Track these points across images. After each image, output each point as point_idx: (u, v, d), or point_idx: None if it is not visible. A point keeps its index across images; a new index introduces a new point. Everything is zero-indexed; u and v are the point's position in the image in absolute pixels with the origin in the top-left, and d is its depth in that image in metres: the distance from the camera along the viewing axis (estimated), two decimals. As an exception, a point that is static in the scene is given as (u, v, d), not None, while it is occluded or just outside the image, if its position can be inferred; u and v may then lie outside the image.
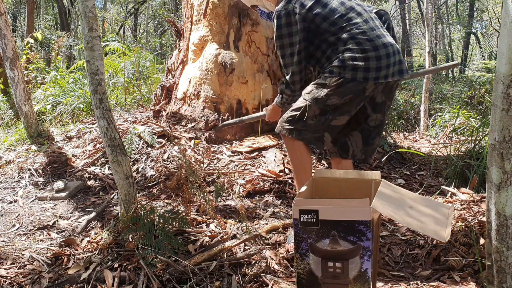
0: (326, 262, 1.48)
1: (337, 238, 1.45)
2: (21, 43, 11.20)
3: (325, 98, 2.14)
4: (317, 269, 1.50)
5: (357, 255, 1.44)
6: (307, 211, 1.47)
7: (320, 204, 1.46)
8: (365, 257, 1.44)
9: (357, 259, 1.44)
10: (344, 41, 2.12)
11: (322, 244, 1.47)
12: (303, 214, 1.47)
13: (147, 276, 1.92)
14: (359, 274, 1.45)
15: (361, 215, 1.40)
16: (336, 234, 1.45)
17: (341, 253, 1.45)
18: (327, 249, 1.46)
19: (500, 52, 1.36)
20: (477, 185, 3.02)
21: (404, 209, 1.49)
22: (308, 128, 2.20)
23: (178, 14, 14.74)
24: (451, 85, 9.69)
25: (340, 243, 1.45)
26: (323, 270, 1.49)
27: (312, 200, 1.55)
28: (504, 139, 1.38)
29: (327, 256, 1.48)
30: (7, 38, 4.22)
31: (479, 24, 21.72)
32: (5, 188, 3.36)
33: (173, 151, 3.52)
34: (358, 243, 1.43)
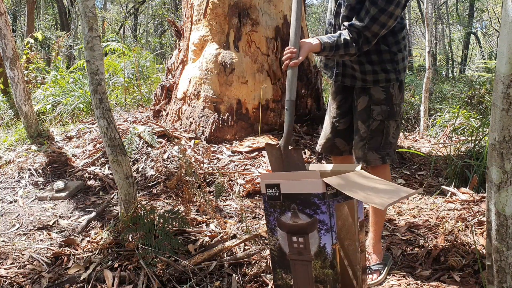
0: (291, 237, 1.55)
1: (297, 211, 1.52)
2: (21, 43, 11.19)
3: (398, 109, 2.05)
4: (284, 245, 1.57)
5: (314, 228, 1.50)
6: (271, 185, 1.56)
7: (281, 178, 1.54)
8: (322, 231, 1.49)
9: (315, 234, 1.50)
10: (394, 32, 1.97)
11: (285, 218, 1.55)
12: (269, 188, 1.57)
13: (147, 276, 1.92)
14: (318, 250, 1.50)
15: (314, 187, 1.47)
16: (295, 208, 1.53)
17: (301, 227, 1.52)
18: (290, 223, 1.54)
19: (500, 52, 1.36)
20: (477, 185, 3.02)
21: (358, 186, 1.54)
22: (392, 147, 2.08)
23: (178, 14, 14.74)
24: (451, 85, 9.69)
25: (300, 217, 1.52)
26: (289, 245, 1.56)
27: (274, 174, 1.61)
28: (504, 139, 1.38)
29: (290, 230, 1.55)
30: (7, 38, 4.22)
31: (479, 24, 21.73)
32: (5, 188, 3.36)
33: (173, 151, 3.52)
34: (314, 216, 1.48)
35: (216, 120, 3.71)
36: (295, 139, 3.68)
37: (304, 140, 3.69)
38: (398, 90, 2.03)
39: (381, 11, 1.81)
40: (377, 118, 2.01)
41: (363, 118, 2.03)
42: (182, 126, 3.92)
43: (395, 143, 2.08)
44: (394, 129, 2.05)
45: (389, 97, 2.01)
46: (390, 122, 2.02)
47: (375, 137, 2.02)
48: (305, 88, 3.94)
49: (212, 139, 3.70)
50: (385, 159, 2.03)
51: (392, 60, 1.98)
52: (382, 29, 1.85)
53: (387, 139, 2.04)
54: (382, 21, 1.83)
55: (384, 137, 2.03)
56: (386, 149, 2.04)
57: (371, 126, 2.02)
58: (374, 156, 2.03)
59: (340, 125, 2.18)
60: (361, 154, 2.05)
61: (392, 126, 2.03)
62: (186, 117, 3.90)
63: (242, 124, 3.74)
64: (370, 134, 2.02)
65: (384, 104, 2.00)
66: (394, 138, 2.06)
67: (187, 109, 3.92)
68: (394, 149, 2.08)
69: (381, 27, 1.84)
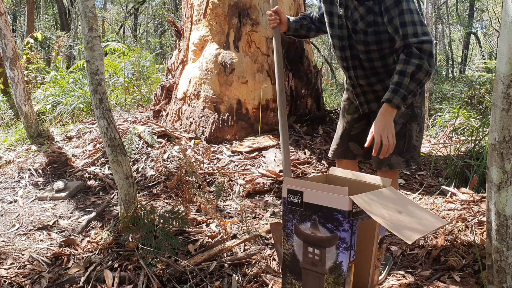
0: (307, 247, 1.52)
1: (317, 223, 1.48)
2: (21, 43, 11.19)
3: (419, 112, 2.03)
4: (299, 253, 1.54)
5: (333, 244, 1.46)
6: (293, 191, 1.52)
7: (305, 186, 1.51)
8: (341, 249, 1.45)
9: (333, 249, 1.46)
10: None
11: (304, 227, 1.52)
12: (291, 194, 1.53)
13: (147, 276, 1.92)
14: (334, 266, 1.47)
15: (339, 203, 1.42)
16: (316, 219, 1.49)
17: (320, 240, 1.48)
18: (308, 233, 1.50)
19: (500, 52, 1.36)
20: (477, 185, 3.02)
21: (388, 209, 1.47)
22: (416, 150, 2.05)
23: (178, 14, 14.74)
24: (451, 85, 9.69)
25: (319, 229, 1.49)
26: (304, 254, 1.53)
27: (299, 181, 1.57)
28: (504, 139, 1.38)
29: (307, 240, 1.52)
30: (7, 38, 4.22)
31: (479, 24, 21.73)
32: (5, 188, 3.36)
33: (173, 151, 3.52)
34: (335, 232, 1.44)
35: (216, 120, 3.71)
36: (295, 139, 3.68)
37: (304, 140, 3.69)
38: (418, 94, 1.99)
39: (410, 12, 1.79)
40: (399, 122, 1.99)
41: None
42: (182, 126, 3.92)
43: (419, 146, 2.05)
44: (417, 132, 2.03)
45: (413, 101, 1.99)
46: (412, 125, 2.00)
47: (398, 140, 1.97)
48: (305, 88, 3.94)
49: (212, 139, 3.70)
50: (409, 162, 2.01)
51: None
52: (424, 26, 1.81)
53: (411, 142, 2.01)
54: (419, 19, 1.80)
55: (407, 140, 2.01)
56: (410, 152, 2.02)
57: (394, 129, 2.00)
58: (398, 159, 2.00)
59: (354, 130, 2.17)
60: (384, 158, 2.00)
61: (414, 129, 2.01)
62: (186, 117, 3.90)
63: (242, 124, 3.74)
64: None
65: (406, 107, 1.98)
66: (417, 141, 2.04)
67: (187, 109, 3.92)
68: (418, 152, 2.06)
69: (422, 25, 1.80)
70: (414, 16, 1.80)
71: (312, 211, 1.49)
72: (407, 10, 1.79)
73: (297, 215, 1.53)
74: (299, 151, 3.51)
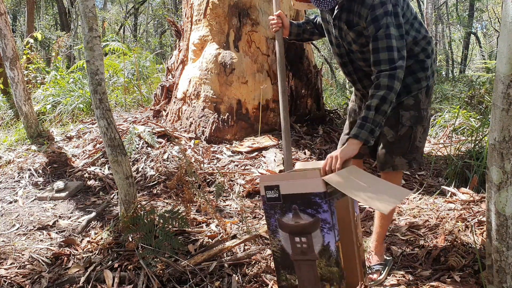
0: (294, 238, 1.54)
1: (298, 212, 1.52)
2: (21, 43, 11.19)
3: (425, 114, 2.03)
4: (287, 246, 1.57)
5: (317, 228, 1.50)
6: (270, 186, 1.55)
7: (280, 179, 1.54)
8: (325, 230, 1.49)
9: (318, 233, 1.50)
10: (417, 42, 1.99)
11: (287, 219, 1.55)
12: (268, 190, 1.56)
13: (147, 276, 1.92)
14: (323, 248, 1.50)
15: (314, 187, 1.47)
16: (296, 208, 1.52)
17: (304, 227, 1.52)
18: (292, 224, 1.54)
19: (500, 52, 1.36)
20: (477, 185, 3.02)
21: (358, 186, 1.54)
22: (419, 152, 2.05)
23: (178, 14, 14.74)
24: (451, 85, 9.69)
25: (301, 217, 1.52)
26: (292, 246, 1.55)
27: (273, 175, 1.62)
28: (504, 139, 1.38)
29: (292, 231, 1.54)
30: (7, 38, 4.22)
31: (479, 24, 21.73)
32: (5, 188, 3.36)
33: (173, 151, 3.52)
34: (317, 215, 1.49)
35: (216, 120, 3.71)
36: (295, 139, 3.69)
37: (304, 140, 3.69)
38: (425, 95, 2.01)
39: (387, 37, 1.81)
40: (406, 124, 1.99)
41: (390, 123, 2.01)
42: (182, 126, 3.92)
43: (421, 147, 2.06)
44: (421, 133, 2.03)
45: (417, 102, 1.99)
46: (417, 127, 2.00)
47: (402, 142, 2.00)
48: (305, 88, 3.94)
49: (212, 139, 3.70)
50: (412, 163, 2.02)
51: (423, 68, 1.99)
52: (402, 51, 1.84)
53: (414, 144, 2.02)
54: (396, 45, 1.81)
55: (411, 142, 2.01)
56: (413, 154, 2.02)
57: (400, 131, 1.99)
58: (402, 161, 2.01)
59: None
60: (388, 158, 2.02)
61: (419, 131, 2.02)
62: (186, 117, 3.90)
63: (242, 124, 3.74)
64: (398, 139, 2.00)
65: (413, 109, 1.99)
66: (420, 142, 2.04)
67: (187, 109, 3.92)
68: (421, 153, 2.07)
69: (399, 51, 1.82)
70: (392, 41, 1.81)
71: (291, 201, 1.53)
72: (383, 36, 1.81)
73: (278, 209, 1.57)
74: (299, 151, 3.51)
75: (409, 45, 1.96)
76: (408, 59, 1.97)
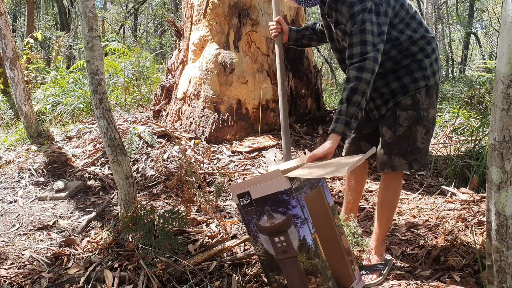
0: (273, 239, 1.59)
1: (271, 212, 1.57)
2: (21, 43, 11.19)
3: (426, 114, 2.00)
4: (269, 248, 1.61)
5: (291, 224, 1.54)
6: (242, 194, 1.61)
7: (248, 185, 1.60)
8: (298, 224, 1.53)
9: (293, 229, 1.54)
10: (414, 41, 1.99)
11: (263, 222, 1.59)
12: (241, 198, 1.61)
13: (147, 276, 1.92)
14: (300, 243, 1.54)
15: (280, 185, 1.52)
16: (269, 209, 1.57)
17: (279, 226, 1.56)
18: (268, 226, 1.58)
19: (500, 52, 1.36)
20: (477, 185, 3.02)
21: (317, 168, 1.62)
22: (421, 153, 2.03)
23: (178, 14, 14.74)
24: (451, 85, 9.69)
25: (275, 217, 1.57)
26: (274, 247, 1.60)
27: (242, 183, 1.65)
28: (504, 139, 1.38)
29: (270, 232, 1.59)
30: (7, 38, 4.22)
31: (479, 24, 21.73)
32: (5, 188, 3.36)
33: (173, 151, 3.52)
34: (288, 212, 1.53)
35: (216, 120, 3.71)
36: (295, 139, 3.69)
37: (304, 140, 3.69)
38: (425, 95, 1.99)
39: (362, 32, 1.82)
40: (404, 124, 1.98)
41: (388, 124, 2.01)
42: (182, 126, 3.92)
43: (425, 148, 2.04)
44: (423, 134, 2.01)
45: (416, 102, 1.98)
46: (417, 127, 1.99)
47: (401, 142, 1.99)
48: (305, 88, 3.94)
49: (212, 139, 3.70)
50: (412, 164, 2.00)
51: (420, 68, 1.97)
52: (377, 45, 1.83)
53: (415, 145, 2.00)
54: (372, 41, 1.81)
55: (411, 143, 1.99)
56: (413, 155, 2.00)
57: (398, 131, 1.99)
58: (401, 161, 2.00)
59: (366, 129, 2.17)
60: (386, 159, 2.01)
61: (420, 131, 2.00)
62: (186, 117, 3.90)
63: (242, 124, 3.74)
64: (396, 139, 2.00)
65: (411, 109, 1.98)
66: (423, 143, 2.02)
67: (187, 109, 3.92)
68: (424, 154, 2.05)
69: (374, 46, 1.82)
70: (367, 36, 1.81)
71: (263, 204, 1.58)
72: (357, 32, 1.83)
73: (253, 214, 1.61)
74: (299, 151, 3.51)
75: (404, 44, 1.97)
76: (405, 59, 1.98)
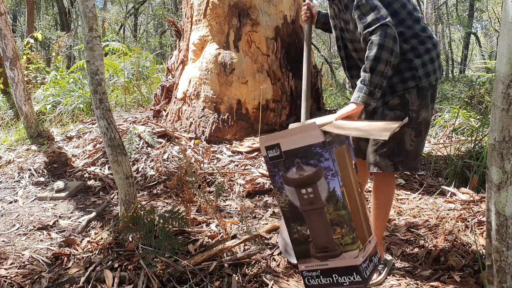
0: (300, 191, 1.59)
1: (301, 165, 1.57)
2: (21, 43, 11.19)
3: (415, 116, 1.95)
4: (294, 199, 1.62)
5: (321, 176, 1.55)
6: (271, 146, 1.61)
7: (279, 137, 1.61)
8: (329, 177, 1.55)
9: (323, 181, 1.55)
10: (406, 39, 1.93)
11: (291, 174, 1.59)
12: (269, 150, 1.62)
13: (147, 276, 1.92)
14: (329, 195, 1.56)
15: (313, 138, 1.54)
16: (299, 162, 1.57)
17: (309, 178, 1.57)
18: (296, 178, 1.59)
19: (500, 52, 1.36)
20: (477, 185, 3.02)
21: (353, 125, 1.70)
22: (409, 156, 1.98)
23: (178, 14, 14.73)
24: (451, 85, 9.69)
25: (305, 169, 1.57)
26: (300, 198, 1.61)
27: (272, 135, 1.66)
28: (504, 139, 1.38)
29: (298, 184, 1.59)
30: (7, 38, 4.22)
31: (479, 24, 21.73)
32: (5, 188, 3.36)
33: (173, 151, 3.52)
34: (319, 164, 1.54)
35: (216, 120, 3.71)
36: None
37: (304, 140, 3.69)
38: (416, 96, 1.94)
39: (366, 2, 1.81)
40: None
41: None
42: (182, 126, 3.92)
43: (414, 151, 1.98)
44: (412, 136, 1.96)
45: (405, 102, 1.94)
46: (405, 129, 1.94)
47: (387, 143, 1.94)
48: (305, 88, 3.94)
49: (212, 139, 3.70)
50: (398, 166, 1.96)
51: (410, 68, 1.93)
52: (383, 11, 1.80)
53: (402, 147, 1.96)
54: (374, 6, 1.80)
55: (397, 144, 1.95)
56: (400, 157, 1.96)
57: None
58: (386, 162, 1.97)
59: None
60: (372, 159, 1.99)
61: (408, 133, 1.95)
62: (186, 117, 3.90)
63: (242, 124, 3.74)
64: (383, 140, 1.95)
65: (399, 109, 1.94)
66: (412, 145, 1.97)
67: (187, 109, 3.92)
68: (413, 157, 1.99)
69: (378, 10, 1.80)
70: (374, 2, 1.80)
71: (293, 156, 1.58)
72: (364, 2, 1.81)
73: (281, 166, 1.61)
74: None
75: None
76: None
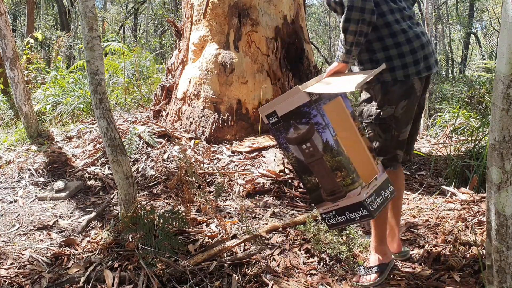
0: (301, 146, 1.82)
1: (296, 125, 1.80)
2: (21, 43, 11.20)
3: (377, 111, 1.93)
4: (299, 155, 1.85)
5: (314, 130, 1.77)
6: (269, 114, 1.84)
7: (274, 105, 1.83)
8: (320, 130, 1.76)
9: (317, 135, 1.77)
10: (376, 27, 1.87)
11: (291, 134, 1.83)
12: (269, 117, 1.85)
13: (147, 276, 1.92)
14: (324, 146, 1.77)
15: (300, 100, 1.75)
16: (294, 122, 1.80)
17: (304, 135, 1.79)
18: (295, 136, 1.82)
19: (500, 52, 1.36)
20: (477, 185, 3.02)
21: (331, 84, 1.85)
22: (378, 152, 1.97)
23: (178, 14, 14.73)
24: (451, 85, 9.69)
25: (300, 128, 1.79)
26: (303, 153, 1.83)
27: (267, 104, 1.86)
28: (504, 139, 1.38)
29: (298, 141, 1.82)
30: (7, 38, 4.22)
31: (479, 24, 21.72)
32: (5, 188, 3.36)
33: (173, 151, 3.52)
34: (310, 121, 1.76)
35: (216, 120, 3.71)
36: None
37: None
38: (380, 92, 1.92)
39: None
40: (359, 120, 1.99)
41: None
42: (182, 126, 3.92)
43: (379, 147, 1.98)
44: (377, 133, 1.97)
45: (368, 98, 1.98)
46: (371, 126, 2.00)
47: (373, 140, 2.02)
48: (305, 88, 3.94)
49: (212, 139, 3.70)
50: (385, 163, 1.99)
51: (371, 60, 1.92)
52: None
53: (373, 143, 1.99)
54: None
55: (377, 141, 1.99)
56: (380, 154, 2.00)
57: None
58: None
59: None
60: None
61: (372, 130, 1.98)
62: (186, 117, 3.90)
63: (242, 124, 3.74)
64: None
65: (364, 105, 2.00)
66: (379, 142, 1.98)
67: (187, 109, 3.92)
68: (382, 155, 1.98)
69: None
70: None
71: (289, 119, 1.80)
72: None
73: (281, 129, 1.84)
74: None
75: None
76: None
